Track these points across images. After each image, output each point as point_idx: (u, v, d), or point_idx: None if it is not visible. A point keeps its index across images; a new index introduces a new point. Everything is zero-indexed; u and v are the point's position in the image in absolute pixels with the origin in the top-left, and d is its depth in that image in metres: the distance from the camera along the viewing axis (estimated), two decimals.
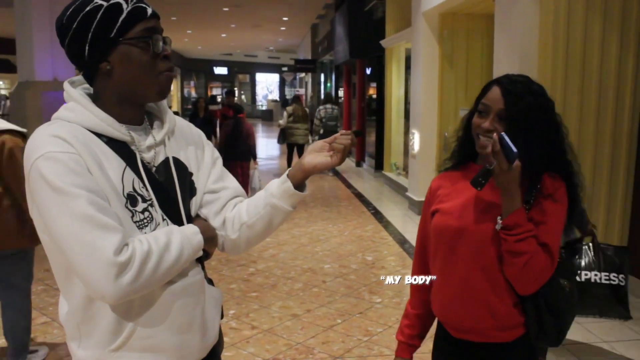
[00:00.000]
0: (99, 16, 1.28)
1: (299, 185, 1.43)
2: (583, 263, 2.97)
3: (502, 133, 1.49)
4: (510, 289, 1.63)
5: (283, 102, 16.76)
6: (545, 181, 1.62)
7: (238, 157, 7.90)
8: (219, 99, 30.04)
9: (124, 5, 1.29)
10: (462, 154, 1.78)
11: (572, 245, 2.98)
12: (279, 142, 10.83)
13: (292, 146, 11.63)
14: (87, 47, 1.30)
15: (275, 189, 1.44)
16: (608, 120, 4.46)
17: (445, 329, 1.78)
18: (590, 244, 2.99)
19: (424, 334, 1.90)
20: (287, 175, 1.43)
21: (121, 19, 1.29)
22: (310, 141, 12.06)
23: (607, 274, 2.93)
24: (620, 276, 2.93)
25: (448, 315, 1.74)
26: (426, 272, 1.84)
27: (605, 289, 2.91)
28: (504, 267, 1.59)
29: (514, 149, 1.46)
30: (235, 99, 11.72)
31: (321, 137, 11.38)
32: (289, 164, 11.80)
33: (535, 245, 1.55)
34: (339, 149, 1.41)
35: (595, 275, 2.97)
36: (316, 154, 1.43)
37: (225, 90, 8.53)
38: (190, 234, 1.35)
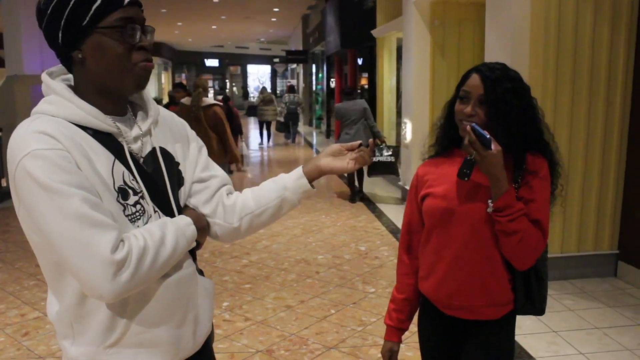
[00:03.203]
0: (72, 2, 1.23)
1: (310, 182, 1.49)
2: (382, 153, 7.46)
3: (473, 124, 1.61)
4: (503, 267, 1.73)
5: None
6: (529, 160, 1.70)
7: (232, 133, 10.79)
8: (210, 92, 29.83)
9: None
10: (446, 141, 1.86)
11: (378, 146, 7.48)
12: (247, 114, 14.25)
13: (262, 123, 16.08)
14: (60, 34, 1.26)
15: (289, 183, 1.47)
16: (600, 108, 4.47)
17: (434, 307, 1.86)
18: (383, 145, 7.56)
19: (411, 317, 2.00)
20: (303, 171, 1.48)
21: (95, 6, 1.23)
22: (284, 119, 16.44)
23: (387, 157, 7.22)
24: (392, 157, 7.31)
25: (440, 293, 1.81)
26: (413, 258, 1.95)
27: (387, 164, 7.21)
28: (500, 246, 1.68)
29: (487, 135, 1.57)
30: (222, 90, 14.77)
31: (285, 118, 16.28)
32: (261, 135, 16.39)
33: (527, 222, 1.64)
34: (359, 162, 1.49)
35: (382, 157, 7.40)
36: (334, 158, 1.50)
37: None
38: (184, 225, 1.34)
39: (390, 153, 7.49)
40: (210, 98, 5.83)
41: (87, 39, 1.25)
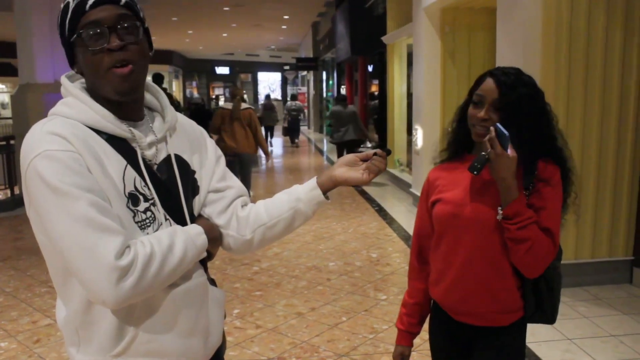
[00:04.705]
0: (59, 20, 1.28)
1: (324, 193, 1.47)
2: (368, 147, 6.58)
3: (497, 123, 1.59)
4: (513, 274, 1.71)
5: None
6: (541, 167, 1.68)
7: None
8: (221, 100, 29.93)
9: (71, 3, 1.24)
10: (458, 145, 1.84)
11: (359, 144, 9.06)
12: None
13: (266, 127, 17.26)
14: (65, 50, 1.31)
15: (302, 195, 1.45)
16: (613, 114, 4.43)
17: (444, 313, 1.85)
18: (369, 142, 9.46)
19: (422, 321, 2.00)
20: (317, 182, 1.45)
21: (67, 19, 1.24)
22: (285, 123, 18.36)
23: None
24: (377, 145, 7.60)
25: (449, 299, 1.80)
26: (423, 262, 1.94)
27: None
28: (509, 254, 1.66)
29: (506, 133, 1.57)
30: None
31: (289, 123, 18.03)
32: (266, 139, 16.89)
33: (537, 230, 1.61)
34: (373, 171, 1.45)
35: (368, 148, 6.90)
36: (348, 168, 1.47)
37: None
38: (195, 234, 1.31)
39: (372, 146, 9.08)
40: (245, 103, 7.75)
41: (74, 52, 1.28)
